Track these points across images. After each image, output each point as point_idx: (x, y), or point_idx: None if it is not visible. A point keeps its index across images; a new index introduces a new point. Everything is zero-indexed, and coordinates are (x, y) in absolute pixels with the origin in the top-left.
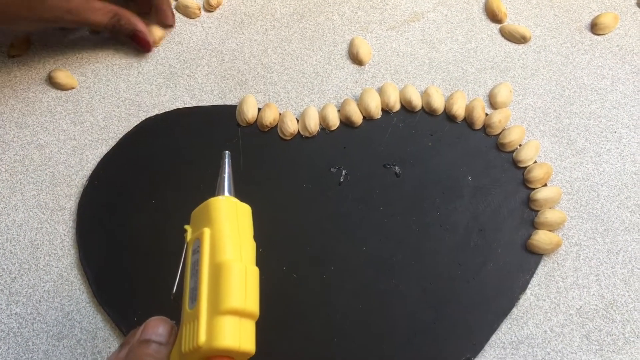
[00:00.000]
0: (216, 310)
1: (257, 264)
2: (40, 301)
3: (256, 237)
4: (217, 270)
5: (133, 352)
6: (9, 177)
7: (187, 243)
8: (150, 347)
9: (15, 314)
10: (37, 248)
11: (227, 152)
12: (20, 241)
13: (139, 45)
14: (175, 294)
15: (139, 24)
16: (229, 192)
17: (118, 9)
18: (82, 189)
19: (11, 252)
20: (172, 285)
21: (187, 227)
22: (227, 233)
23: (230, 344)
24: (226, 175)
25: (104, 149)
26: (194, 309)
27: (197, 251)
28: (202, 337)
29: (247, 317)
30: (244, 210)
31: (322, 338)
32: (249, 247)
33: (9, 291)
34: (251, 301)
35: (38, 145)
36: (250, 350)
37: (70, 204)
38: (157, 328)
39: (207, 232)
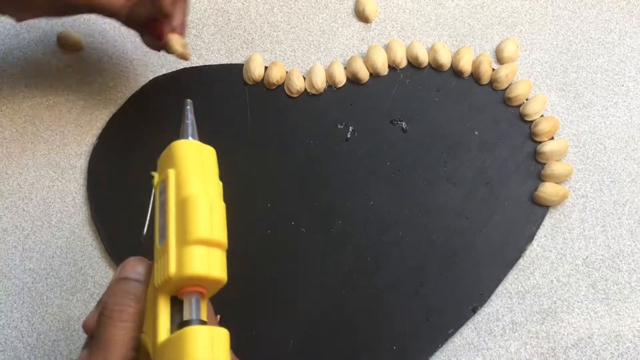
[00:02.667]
0: (184, 241)
1: (267, 220)
2: (53, 257)
3: (264, 193)
4: (183, 205)
5: (111, 289)
6: (19, 136)
7: (154, 187)
8: (129, 284)
9: (29, 269)
10: (49, 206)
11: (188, 100)
12: (32, 199)
13: (154, 33)
14: (145, 236)
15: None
16: (192, 136)
17: None
18: (92, 148)
19: (24, 210)
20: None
21: (153, 173)
22: (191, 171)
23: (199, 271)
24: (189, 122)
25: (113, 109)
26: (163, 244)
27: (164, 192)
28: (172, 269)
29: (215, 246)
30: (208, 152)
31: (332, 289)
32: (215, 185)
33: (23, 247)
34: (218, 231)
35: (48, 106)
36: (220, 276)
37: (80, 163)
38: (135, 267)
39: (171, 172)
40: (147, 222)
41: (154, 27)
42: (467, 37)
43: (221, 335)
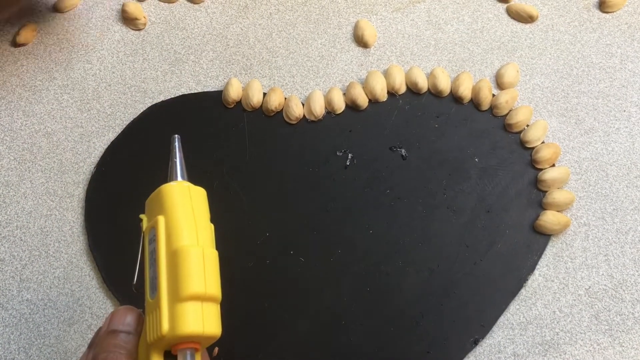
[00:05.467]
0: (177, 297)
1: (266, 249)
2: (50, 287)
3: (263, 221)
4: (174, 258)
5: (100, 344)
6: (17, 165)
7: (143, 232)
8: (119, 337)
9: (27, 300)
10: (47, 235)
11: (176, 136)
12: (30, 228)
13: None
14: (136, 285)
15: None
16: (182, 177)
17: None
18: (90, 176)
19: (21, 240)
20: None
21: (142, 216)
22: (181, 219)
23: (193, 330)
24: (177, 160)
25: (111, 136)
26: (155, 298)
27: (154, 240)
28: (165, 326)
29: (209, 300)
30: (198, 194)
31: (330, 321)
32: (206, 231)
33: (20, 278)
34: (212, 284)
35: (46, 133)
36: (214, 333)
37: (78, 191)
38: (124, 318)
39: (161, 220)
40: (136, 271)
41: None
42: (466, 62)
43: None
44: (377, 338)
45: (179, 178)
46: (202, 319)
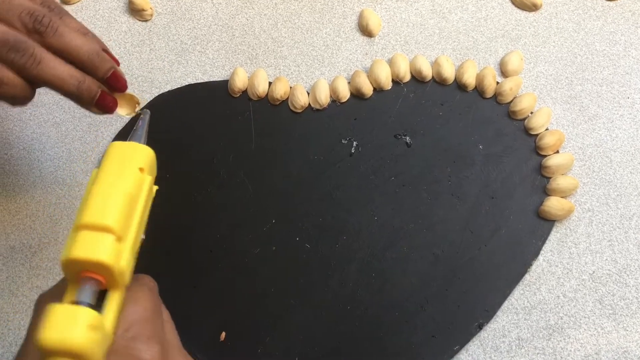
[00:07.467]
0: (74, 227)
1: (272, 236)
2: (60, 274)
3: (269, 209)
4: (86, 194)
5: None
6: (27, 154)
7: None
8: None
9: (37, 287)
10: (56, 223)
11: (147, 110)
12: (39, 217)
13: (105, 106)
14: None
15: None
16: (133, 139)
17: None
18: (97, 165)
19: (31, 228)
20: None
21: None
22: (105, 167)
23: (77, 255)
24: (136, 128)
25: (119, 126)
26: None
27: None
28: (64, 252)
29: (104, 231)
30: (137, 151)
31: (336, 306)
32: (130, 179)
33: (30, 265)
34: (111, 217)
35: (54, 123)
36: (104, 260)
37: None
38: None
39: (94, 172)
40: None
41: (103, 103)
42: (470, 51)
43: (83, 315)
44: (383, 323)
45: (130, 140)
46: (92, 246)
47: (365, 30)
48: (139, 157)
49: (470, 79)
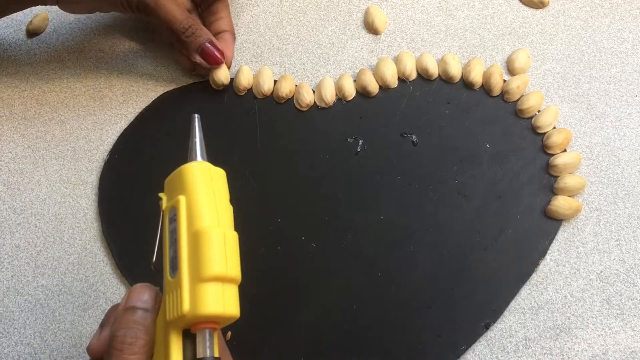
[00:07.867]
0: (198, 277)
1: (277, 235)
2: (65, 273)
3: (274, 208)
4: (195, 238)
5: (119, 321)
6: (31, 152)
7: (162, 211)
8: (136, 314)
9: (42, 285)
10: (61, 222)
11: (196, 115)
12: (44, 215)
13: (208, 58)
14: (155, 263)
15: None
16: (202, 157)
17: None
18: (102, 164)
19: (36, 226)
20: (152, 254)
21: (161, 195)
22: (203, 200)
23: (214, 310)
24: (197, 140)
25: (124, 124)
26: (175, 277)
27: (174, 219)
28: (186, 305)
29: (229, 282)
30: (219, 175)
31: (342, 306)
32: (226, 212)
33: (35, 264)
34: (232, 266)
35: (59, 121)
36: (234, 314)
37: (92, 179)
38: (142, 295)
39: (182, 199)
40: (156, 249)
41: (209, 52)
42: (477, 48)
43: None
44: (389, 323)
45: (199, 158)
46: (223, 300)
47: (371, 28)
48: (223, 184)
49: (477, 77)
